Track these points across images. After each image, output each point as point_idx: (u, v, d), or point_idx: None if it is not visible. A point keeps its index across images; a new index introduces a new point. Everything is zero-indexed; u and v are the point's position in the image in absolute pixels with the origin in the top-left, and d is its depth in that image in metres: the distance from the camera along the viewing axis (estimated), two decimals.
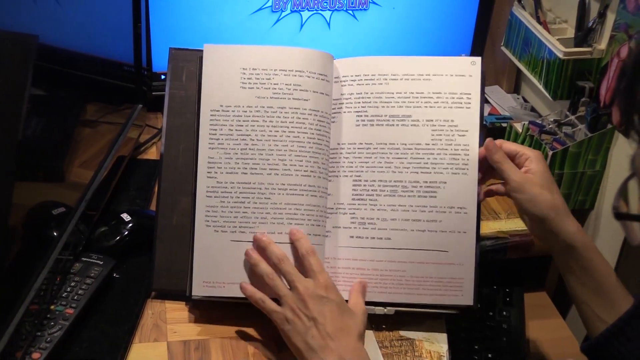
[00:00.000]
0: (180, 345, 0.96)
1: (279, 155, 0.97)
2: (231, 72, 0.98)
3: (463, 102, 1.00)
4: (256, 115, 0.97)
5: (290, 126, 0.97)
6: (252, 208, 0.96)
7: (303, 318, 0.88)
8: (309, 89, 0.98)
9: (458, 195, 0.98)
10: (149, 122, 1.39)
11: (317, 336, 0.87)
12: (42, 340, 0.88)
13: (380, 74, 1.00)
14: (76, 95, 1.07)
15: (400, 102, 1.00)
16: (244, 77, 0.98)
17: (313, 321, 0.88)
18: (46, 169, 0.98)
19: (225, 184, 0.97)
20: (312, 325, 0.87)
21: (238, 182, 0.97)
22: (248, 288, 0.94)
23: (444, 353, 0.99)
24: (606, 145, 1.28)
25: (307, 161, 0.97)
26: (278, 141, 0.97)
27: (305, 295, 0.89)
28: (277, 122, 0.97)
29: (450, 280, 0.99)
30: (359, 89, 1.00)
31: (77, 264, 0.99)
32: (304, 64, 0.98)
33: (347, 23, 1.41)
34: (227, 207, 0.96)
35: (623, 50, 1.24)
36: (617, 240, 1.29)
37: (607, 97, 1.28)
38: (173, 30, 1.35)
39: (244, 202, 0.96)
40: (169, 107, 1.04)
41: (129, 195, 1.21)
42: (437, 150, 0.99)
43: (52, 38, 0.96)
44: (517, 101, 1.56)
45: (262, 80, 0.98)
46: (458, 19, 1.47)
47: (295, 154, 0.97)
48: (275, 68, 0.98)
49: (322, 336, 0.87)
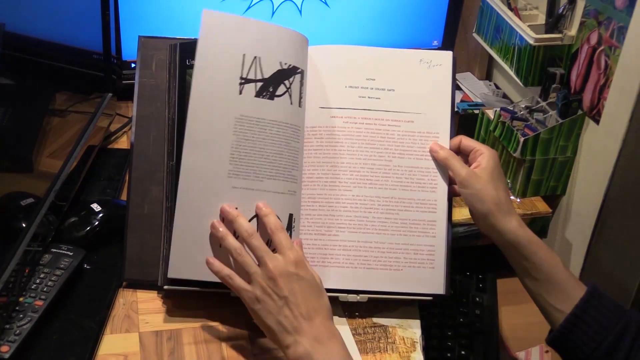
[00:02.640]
0: (152, 335, 0.95)
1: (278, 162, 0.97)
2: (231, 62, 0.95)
3: (433, 95, 1.02)
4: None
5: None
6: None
7: (274, 297, 0.85)
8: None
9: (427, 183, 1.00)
10: (119, 111, 1.37)
11: (290, 316, 0.85)
12: (11, 333, 0.87)
13: (357, 66, 1.02)
14: (44, 84, 1.05)
15: (377, 93, 1.01)
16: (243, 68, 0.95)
17: (284, 300, 0.85)
18: (14, 159, 0.97)
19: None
20: (284, 304, 0.85)
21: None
22: (215, 263, 0.90)
23: (417, 339, 0.99)
24: (577, 132, 1.29)
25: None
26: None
27: (275, 272, 0.86)
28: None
29: (420, 267, 0.99)
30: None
31: (46, 255, 0.98)
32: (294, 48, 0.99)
33: (319, 10, 1.40)
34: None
35: (593, 37, 1.24)
36: (588, 225, 1.30)
37: (577, 83, 1.29)
38: (142, 18, 1.33)
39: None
40: (139, 95, 1.03)
41: (100, 185, 1.19)
42: (409, 141, 1.01)
43: (19, 26, 0.94)
44: (489, 88, 1.57)
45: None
46: (430, 6, 1.47)
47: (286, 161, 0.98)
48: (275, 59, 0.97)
49: (295, 316, 0.85)
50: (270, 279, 0.86)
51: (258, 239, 0.89)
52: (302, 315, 0.85)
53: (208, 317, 0.98)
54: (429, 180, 1.00)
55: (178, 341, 0.95)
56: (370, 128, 1.00)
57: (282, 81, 0.96)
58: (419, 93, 1.02)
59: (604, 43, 1.21)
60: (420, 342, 0.99)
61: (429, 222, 1.00)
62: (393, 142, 1.00)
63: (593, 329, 0.87)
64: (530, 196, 1.35)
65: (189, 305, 0.99)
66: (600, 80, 1.23)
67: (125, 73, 1.36)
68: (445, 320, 1.16)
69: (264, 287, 0.86)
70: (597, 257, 1.32)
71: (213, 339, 0.96)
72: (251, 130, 0.94)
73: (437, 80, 1.03)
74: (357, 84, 1.02)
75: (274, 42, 0.97)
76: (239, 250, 0.89)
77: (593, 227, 1.30)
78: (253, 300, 0.87)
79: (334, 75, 1.01)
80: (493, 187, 0.95)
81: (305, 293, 0.86)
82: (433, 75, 1.03)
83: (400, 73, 1.03)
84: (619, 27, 1.17)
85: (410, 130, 1.01)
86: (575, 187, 1.34)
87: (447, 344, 1.13)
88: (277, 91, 0.96)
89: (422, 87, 1.03)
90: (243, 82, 0.94)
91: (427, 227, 1.00)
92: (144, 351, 0.93)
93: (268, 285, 0.86)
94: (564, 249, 1.39)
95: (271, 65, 0.96)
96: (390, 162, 1.00)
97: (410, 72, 1.03)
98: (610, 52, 1.20)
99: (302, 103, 0.98)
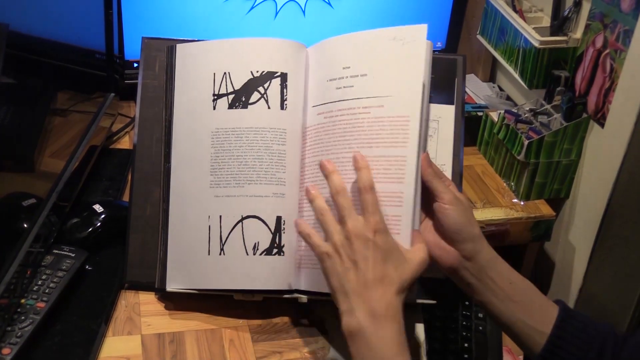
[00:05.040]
0: (154, 338, 0.95)
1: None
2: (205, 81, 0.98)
3: (404, 75, 0.91)
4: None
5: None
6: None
7: (344, 258, 0.82)
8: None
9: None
10: (121, 111, 1.37)
11: (354, 280, 0.81)
12: (13, 335, 0.86)
13: (335, 57, 0.96)
14: (47, 83, 1.05)
15: (351, 81, 0.94)
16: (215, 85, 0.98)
17: (353, 263, 0.81)
18: (16, 159, 0.96)
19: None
20: (352, 267, 0.81)
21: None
22: (301, 223, 0.88)
23: (421, 343, 0.99)
24: (581, 135, 1.29)
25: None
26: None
27: (353, 233, 0.82)
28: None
29: None
30: (318, 76, 0.98)
31: (48, 256, 0.97)
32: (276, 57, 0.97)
33: (322, 10, 1.39)
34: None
35: (598, 40, 1.24)
36: (592, 228, 1.30)
37: (582, 86, 1.29)
38: (145, 17, 1.32)
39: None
40: (142, 97, 1.03)
41: (102, 185, 1.19)
42: (377, 128, 0.90)
43: (23, 26, 0.94)
44: (492, 90, 1.57)
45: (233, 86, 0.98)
46: (434, 7, 1.46)
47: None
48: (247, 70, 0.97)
49: (359, 282, 0.81)
50: (346, 239, 0.83)
51: (345, 197, 0.84)
52: (366, 282, 0.81)
53: (211, 319, 0.98)
54: (396, 171, 0.89)
55: (180, 344, 0.94)
56: (344, 119, 0.93)
57: (255, 88, 0.97)
58: (390, 74, 0.92)
59: (610, 46, 1.21)
60: (424, 346, 0.98)
61: (393, 217, 0.87)
62: (362, 131, 0.91)
63: (575, 345, 0.86)
64: (534, 199, 1.35)
65: (192, 307, 0.99)
66: (605, 84, 1.23)
67: (127, 73, 1.35)
68: (448, 324, 1.15)
69: (337, 245, 0.83)
70: (601, 261, 1.32)
71: (216, 341, 0.95)
72: (227, 141, 0.97)
73: (408, 58, 0.91)
74: (335, 75, 0.95)
75: (244, 54, 0.98)
76: (323, 211, 0.86)
77: (597, 231, 1.29)
78: (323, 256, 0.84)
79: (317, 71, 0.98)
80: (471, 215, 0.89)
81: (376, 261, 0.82)
82: (405, 53, 0.92)
83: (374, 56, 0.94)
84: (624, 30, 1.17)
85: (380, 117, 0.90)
86: (580, 191, 1.34)
87: (449, 348, 1.13)
88: (250, 99, 0.97)
89: (394, 67, 0.92)
90: (215, 98, 0.98)
91: (391, 223, 0.87)
92: (146, 354, 0.92)
93: (342, 244, 0.83)
94: (567, 252, 1.39)
95: (242, 76, 0.97)
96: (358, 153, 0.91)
97: (383, 52, 0.93)
98: (616, 56, 1.19)
99: (285, 105, 0.97)
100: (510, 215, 1.32)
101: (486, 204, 1.34)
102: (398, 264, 0.83)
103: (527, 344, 0.88)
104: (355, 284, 0.81)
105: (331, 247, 0.83)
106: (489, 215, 1.31)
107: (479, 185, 1.39)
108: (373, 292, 0.81)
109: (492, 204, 1.34)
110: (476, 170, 1.42)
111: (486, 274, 0.87)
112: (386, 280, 0.81)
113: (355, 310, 0.80)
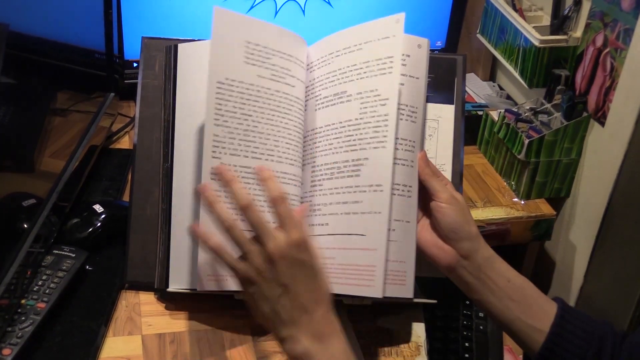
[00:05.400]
0: (155, 338, 0.94)
1: (274, 140, 0.91)
2: (236, 43, 0.90)
3: (386, 68, 0.90)
4: (257, 96, 0.90)
5: (282, 111, 0.92)
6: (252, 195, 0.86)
7: (272, 283, 0.75)
8: (295, 76, 0.96)
9: (375, 171, 0.89)
10: (121, 111, 1.37)
11: (289, 307, 0.75)
12: (13, 336, 0.86)
13: (328, 53, 0.95)
14: (46, 83, 1.05)
15: (338, 79, 0.94)
16: (247, 52, 0.90)
17: (284, 288, 0.75)
18: (16, 159, 0.96)
19: (229, 166, 0.87)
20: (283, 293, 0.75)
21: (240, 165, 0.88)
22: (200, 231, 0.80)
23: (422, 343, 0.98)
24: (582, 134, 1.29)
25: (294, 149, 0.94)
26: (274, 126, 0.91)
27: (276, 254, 0.74)
28: (273, 106, 0.91)
29: (366, 268, 0.88)
30: (317, 74, 0.97)
31: (48, 256, 0.97)
32: (295, 49, 0.96)
33: (322, 9, 1.39)
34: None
35: (598, 39, 1.24)
36: (593, 227, 1.30)
37: (582, 85, 1.29)
38: (145, 17, 1.32)
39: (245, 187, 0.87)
40: (142, 97, 1.02)
41: (102, 185, 1.19)
42: (363, 124, 0.90)
43: (22, 26, 0.94)
44: (492, 89, 1.56)
45: (263, 59, 0.91)
46: (433, 6, 1.46)
47: (286, 141, 0.93)
48: (273, 48, 0.92)
49: (294, 307, 0.75)
50: (269, 262, 0.75)
51: (256, 212, 0.76)
52: (303, 307, 0.75)
53: (211, 320, 0.97)
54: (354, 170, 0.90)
55: (181, 344, 0.94)
56: (335, 119, 0.93)
57: None
58: (374, 69, 0.91)
59: (610, 45, 1.21)
60: (425, 345, 0.98)
61: (373, 214, 0.88)
62: (353, 129, 0.91)
63: (574, 343, 0.86)
64: (534, 198, 1.35)
65: (192, 307, 0.98)
66: (605, 83, 1.22)
67: (127, 72, 1.35)
68: (449, 324, 1.15)
69: (261, 269, 0.75)
70: (602, 260, 1.32)
71: (216, 342, 0.95)
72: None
73: (388, 52, 0.90)
74: (332, 74, 0.95)
75: (272, 37, 0.93)
76: (230, 223, 0.76)
77: (598, 230, 1.29)
78: (246, 282, 0.76)
79: (317, 71, 0.97)
80: (468, 213, 0.89)
81: (307, 281, 0.76)
82: (385, 48, 0.91)
83: (360, 53, 0.92)
84: (625, 29, 1.17)
85: (365, 112, 0.91)
86: (580, 190, 1.34)
87: (450, 347, 1.13)
88: None
89: (376, 62, 0.91)
90: None
91: (372, 219, 0.88)
92: (146, 354, 0.92)
93: (266, 268, 0.75)
94: (568, 251, 1.39)
95: (271, 56, 0.93)
96: (351, 154, 0.92)
97: (368, 48, 0.92)
98: (616, 54, 1.19)
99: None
100: (510, 214, 1.32)
101: (486, 203, 1.34)
102: (322, 279, 0.78)
103: (526, 342, 0.88)
104: (291, 310, 0.75)
105: (253, 271, 0.76)
106: (490, 214, 1.31)
107: (480, 184, 1.39)
108: (312, 315, 0.76)
109: (493, 203, 1.34)
110: (476, 169, 1.42)
111: (484, 273, 0.87)
112: (320, 299, 0.77)
113: (298, 336, 0.75)
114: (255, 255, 0.76)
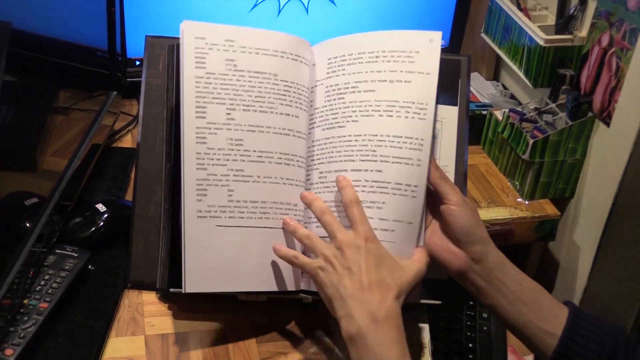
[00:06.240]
0: (158, 339, 0.94)
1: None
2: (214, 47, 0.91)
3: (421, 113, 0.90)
4: (243, 85, 0.91)
5: (279, 107, 0.93)
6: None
7: (337, 267, 0.82)
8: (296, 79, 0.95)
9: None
10: (123, 109, 1.36)
11: (349, 286, 0.81)
12: (16, 336, 0.85)
13: (347, 54, 0.96)
14: (49, 81, 1.04)
15: (359, 87, 0.93)
16: (227, 51, 0.91)
17: (347, 270, 0.82)
18: (18, 157, 0.96)
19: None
20: (346, 274, 0.82)
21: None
22: (281, 249, 0.90)
23: (426, 344, 0.98)
24: (587, 134, 1.28)
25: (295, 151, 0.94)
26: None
27: (343, 243, 0.83)
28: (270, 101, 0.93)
29: None
30: (329, 81, 0.96)
31: (51, 256, 0.96)
32: (284, 47, 0.95)
33: (326, 8, 1.39)
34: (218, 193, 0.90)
35: (604, 38, 1.23)
36: (597, 228, 1.29)
37: (588, 85, 1.28)
38: (148, 15, 1.32)
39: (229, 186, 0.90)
40: (146, 95, 1.02)
41: (104, 184, 1.18)
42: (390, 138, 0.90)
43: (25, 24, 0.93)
44: (496, 88, 1.56)
45: (246, 57, 0.92)
46: (437, 5, 1.46)
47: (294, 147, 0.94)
48: (257, 48, 0.93)
49: (354, 286, 0.81)
50: (337, 249, 0.83)
51: (330, 215, 0.87)
52: (363, 286, 0.81)
53: (215, 320, 0.97)
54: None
55: (184, 345, 0.93)
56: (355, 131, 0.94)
57: None
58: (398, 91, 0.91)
59: (616, 45, 1.20)
60: (429, 346, 0.98)
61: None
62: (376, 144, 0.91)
63: (587, 347, 0.85)
64: (538, 198, 1.34)
65: (196, 308, 0.98)
66: (611, 83, 1.22)
67: (129, 71, 1.35)
68: (452, 325, 1.15)
69: (329, 257, 0.83)
70: (606, 261, 1.32)
71: (220, 343, 0.94)
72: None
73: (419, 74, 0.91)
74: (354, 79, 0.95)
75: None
76: (308, 235, 0.88)
77: (602, 231, 1.29)
78: (316, 270, 0.84)
79: (332, 76, 0.98)
80: (478, 217, 0.89)
81: (370, 266, 0.82)
82: (416, 68, 0.91)
83: (382, 70, 0.93)
84: (631, 28, 1.16)
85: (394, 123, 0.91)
86: (585, 190, 1.33)
87: (453, 348, 1.12)
88: None
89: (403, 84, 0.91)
90: None
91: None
92: (149, 355, 0.92)
93: (334, 255, 0.83)
94: (572, 252, 1.38)
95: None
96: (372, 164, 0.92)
97: (391, 67, 0.92)
98: (622, 54, 1.19)
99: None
100: (514, 214, 1.31)
101: (490, 203, 1.33)
102: (392, 270, 0.84)
103: (538, 346, 0.87)
104: (351, 289, 0.81)
105: (323, 260, 0.84)
106: (494, 214, 1.31)
107: (483, 184, 1.38)
108: (371, 295, 0.80)
109: (497, 204, 1.33)
110: (480, 169, 1.42)
111: (495, 276, 0.87)
112: (383, 284, 0.82)
113: (354, 314, 0.80)
114: (327, 248, 0.85)
